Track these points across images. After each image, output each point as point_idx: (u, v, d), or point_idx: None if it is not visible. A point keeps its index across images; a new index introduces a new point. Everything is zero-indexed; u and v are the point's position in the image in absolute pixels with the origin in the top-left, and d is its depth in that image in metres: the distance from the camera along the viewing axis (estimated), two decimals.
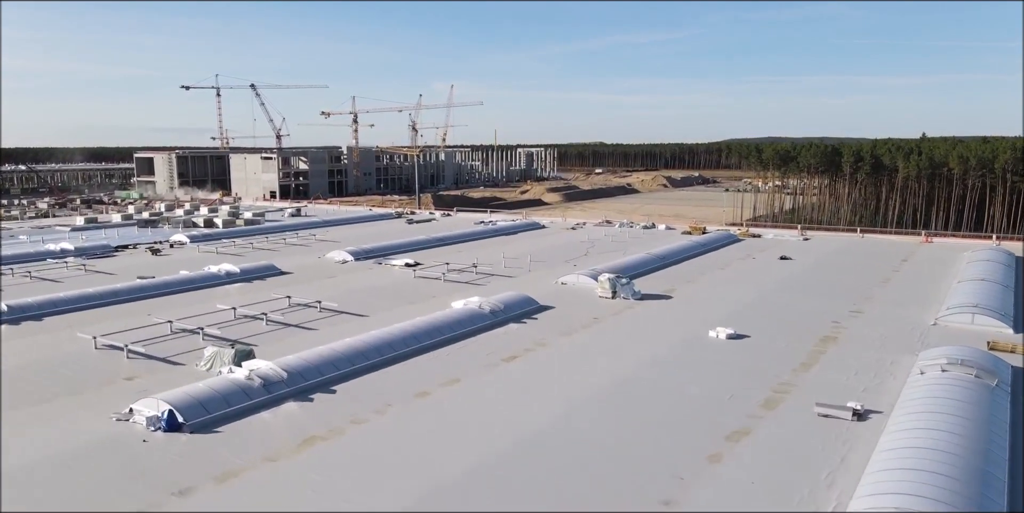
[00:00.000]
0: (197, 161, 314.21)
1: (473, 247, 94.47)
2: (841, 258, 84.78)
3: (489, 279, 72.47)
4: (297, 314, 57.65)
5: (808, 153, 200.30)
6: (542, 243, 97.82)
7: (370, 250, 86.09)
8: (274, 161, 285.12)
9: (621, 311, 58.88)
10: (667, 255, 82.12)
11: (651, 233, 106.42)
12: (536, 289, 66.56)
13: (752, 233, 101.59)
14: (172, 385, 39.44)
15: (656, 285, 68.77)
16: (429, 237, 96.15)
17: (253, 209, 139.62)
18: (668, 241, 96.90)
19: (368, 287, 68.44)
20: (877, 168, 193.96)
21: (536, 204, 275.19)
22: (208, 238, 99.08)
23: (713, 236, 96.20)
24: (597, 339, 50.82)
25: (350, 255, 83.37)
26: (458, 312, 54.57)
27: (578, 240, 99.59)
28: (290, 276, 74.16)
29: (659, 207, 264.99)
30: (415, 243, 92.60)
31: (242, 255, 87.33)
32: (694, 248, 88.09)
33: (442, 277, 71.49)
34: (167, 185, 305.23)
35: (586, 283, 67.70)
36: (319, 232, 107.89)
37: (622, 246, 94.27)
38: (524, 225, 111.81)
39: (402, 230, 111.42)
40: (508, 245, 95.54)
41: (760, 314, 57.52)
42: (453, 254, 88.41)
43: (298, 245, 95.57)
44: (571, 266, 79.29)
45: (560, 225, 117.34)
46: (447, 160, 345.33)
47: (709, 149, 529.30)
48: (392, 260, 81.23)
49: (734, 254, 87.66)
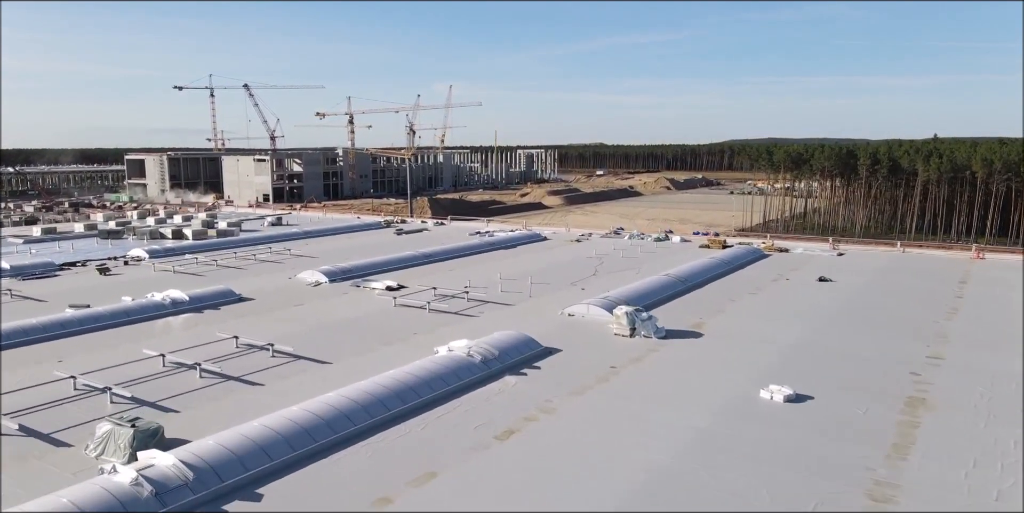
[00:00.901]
0: (189, 163, 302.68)
1: (466, 264, 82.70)
2: (888, 279, 72.90)
3: (482, 308, 60.69)
4: (242, 361, 45.87)
5: (822, 155, 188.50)
6: (544, 259, 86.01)
7: (348, 270, 74.27)
8: (267, 163, 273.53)
9: (643, 356, 47.08)
10: (688, 276, 70.31)
11: (665, 247, 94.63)
12: (538, 323, 54.86)
13: (779, 247, 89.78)
14: (38, 483, 28.01)
15: (681, 317, 56.98)
16: (417, 252, 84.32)
17: (234, 217, 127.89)
18: (686, 257, 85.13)
19: (338, 320, 56.60)
20: (894, 171, 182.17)
21: (536, 207, 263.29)
22: (170, 253, 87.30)
23: (736, 252, 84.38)
24: (617, 401, 39.02)
25: (324, 276, 71.59)
26: (441, 362, 42.79)
27: (584, 255, 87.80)
28: (249, 304, 62.37)
29: (663, 211, 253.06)
30: (400, 260, 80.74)
31: (202, 275, 75.52)
32: (717, 267, 76.25)
33: (427, 306, 59.68)
34: (158, 188, 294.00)
35: (598, 315, 55.95)
36: (297, 245, 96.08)
37: (634, 263, 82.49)
38: (524, 237, 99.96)
39: (389, 242, 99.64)
40: (506, 262, 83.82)
41: (816, 361, 45.71)
42: (443, 273, 76.69)
43: (270, 262, 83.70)
44: (578, 290, 67.59)
45: (563, 237, 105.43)
46: (445, 162, 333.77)
47: (711, 150, 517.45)
48: (372, 282, 69.47)
49: (763, 274, 75.83)
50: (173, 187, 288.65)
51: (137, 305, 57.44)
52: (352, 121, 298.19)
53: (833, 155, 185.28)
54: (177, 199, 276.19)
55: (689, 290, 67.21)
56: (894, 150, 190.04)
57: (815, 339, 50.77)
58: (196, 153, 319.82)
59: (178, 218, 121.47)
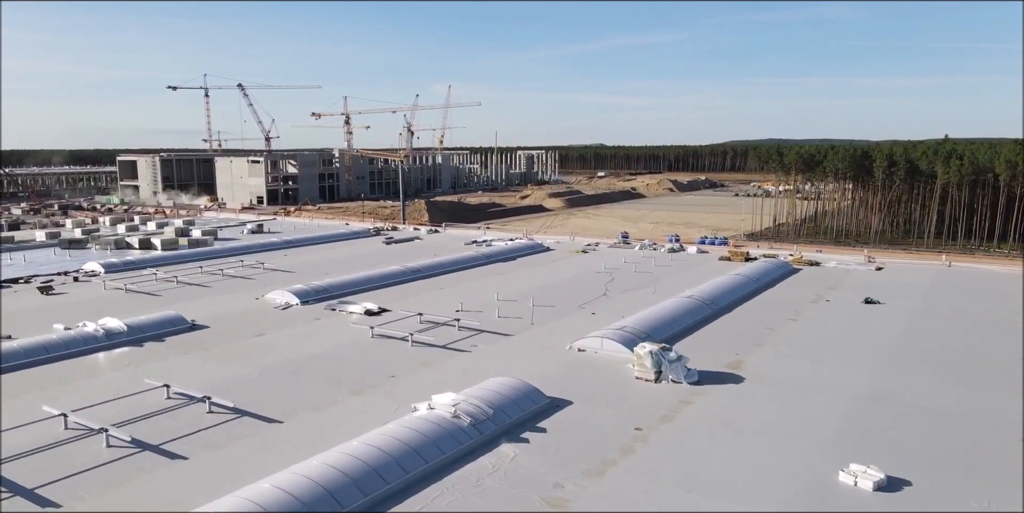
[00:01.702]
0: (183, 164, 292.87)
1: (460, 280, 72.60)
2: (946, 303, 62.63)
3: (476, 340, 50.60)
4: (169, 420, 35.81)
5: (835, 157, 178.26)
6: (547, 274, 75.92)
7: (323, 289, 64.17)
8: (261, 165, 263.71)
9: (674, 413, 36.99)
10: (714, 298, 60.19)
11: (681, 259, 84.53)
12: (542, 361, 44.89)
13: (808, 260, 79.60)
14: None
15: (713, 352, 46.94)
16: (405, 267, 74.12)
17: (214, 223, 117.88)
18: (706, 272, 75.11)
19: (302, 358, 46.50)
20: (911, 173, 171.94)
21: (537, 210, 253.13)
22: (130, 267, 77.24)
23: (763, 266, 74.17)
24: (647, 485, 28.99)
25: (295, 296, 61.50)
26: (419, 427, 32.74)
27: (592, 270, 77.70)
28: (201, 334, 52.32)
29: (668, 214, 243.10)
30: (385, 277, 70.60)
31: (158, 295, 65.44)
32: (745, 285, 66.13)
33: (409, 338, 49.59)
34: (151, 189, 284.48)
35: (614, 352, 45.95)
36: (275, 257, 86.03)
37: (649, 279, 72.43)
38: (524, 248, 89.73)
39: (376, 254, 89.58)
40: (504, 277, 73.78)
41: (899, 423, 35.50)
42: (433, 292, 66.63)
43: (239, 278, 73.56)
44: (588, 314, 57.56)
45: (568, 247, 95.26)
46: (444, 163, 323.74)
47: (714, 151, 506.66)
48: (349, 305, 59.38)
49: (798, 293, 65.70)
50: (166, 189, 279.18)
51: (62, 339, 47.28)
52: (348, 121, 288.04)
53: (847, 156, 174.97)
54: (169, 201, 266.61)
55: (717, 315, 57.11)
56: (910, 151, 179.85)
57: (886, 388, 40.61)
58: (189, 154, 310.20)
59: (151, 225, 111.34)
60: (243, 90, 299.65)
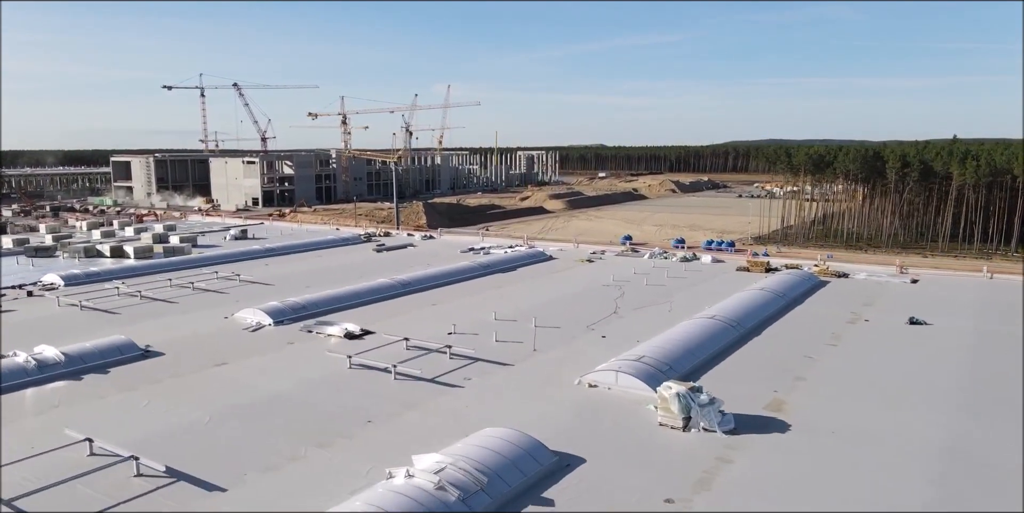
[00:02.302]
0: (177, 165, 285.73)
1: (455, 294, 65.27)
2: (998, 322, 55.17)
3: (470, 371, 43.31)
4: (82, 490, 28.51)
5: (846, 158, 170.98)
6: (550, 288, 68.59)
7: (301, 307, 56.81)
8: (257, 165, 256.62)
9: (711, 476, 29.66)
10: (739, 317, 52.84)
11: (695, 269, 77.17)
12: (546, 401, 37.65)
13: (835, 271, 72.22)
14: None
15: (746, 387, 39.64)
16: (394, 280, 66.72)
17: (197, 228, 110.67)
18: (724, 284, 67.88)
19: (264, 396, 39.15)
20: (925, 174, 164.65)
21: (537, 212, 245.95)
22: (93, 279, 69.92)
23: (787, 279, 66.76)
24: None
25: (268, 316, 54.15)
26: (393, 505, 25.46)
27: (599, 282, 70.36)
28: (154, 363, 45.00)
29: (671, 216, 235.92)
30: (372, 291, 63.18)
31: (116, 312, 58.05)
32: (771, 301, 58.75)
33: (392, 370, 42.30)
34: (145, 191, 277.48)
35: (631, 388, 38.67)
36: (255, 267, 78.74)
37: (663, 293, 65.10)
38: (525, 257, 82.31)
39: (366, 263, 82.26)
40: (503, 291, 66.48)
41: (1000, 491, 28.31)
42: (424, 310, 59.32)
43: (210, 292, 66.22)
44: (597, 337, 50.30)
45: (571, 254, 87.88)
46: (443, 164, 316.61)
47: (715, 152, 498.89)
48: (328, 326, 52.04)
49: (832, 311, 58.27)
50: (160, 190, 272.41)
51: None
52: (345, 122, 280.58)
53: (859, 157, 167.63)
54: (163, 203, 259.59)
55: (744, 339, 49.80)
56: (923, 152, 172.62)
57: (968, 440, 33.15)
58: (184, 155, 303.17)
59: (129, 230, 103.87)
60: (239, 90, 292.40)
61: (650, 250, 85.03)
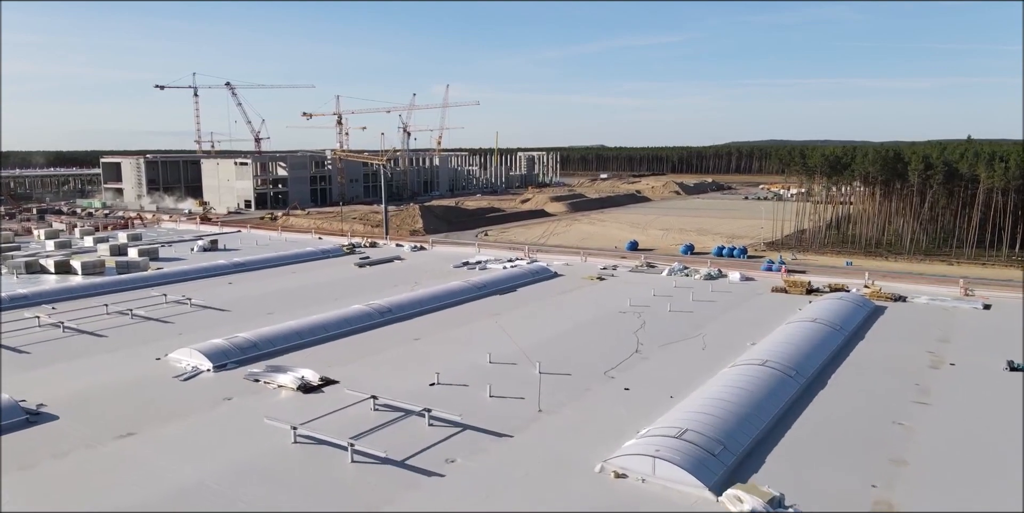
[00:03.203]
0: (169, 166, 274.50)
1: (442, 325, 53.85)
2: None
3: (453, 447, 31.98)
4: None
5: (865, 159, 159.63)
6: (557, 315, 57.15)
7: (252, 344, 45.41)
8: (249, 167, 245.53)
9: None
10: (796, 361, 41.38)
11: (722, 289, 65.77)
12: (558, 496, 26.32)
13: (889, 294, 60.71)
14: None
15: (830, 474, 28.30)
16: (370, 306, 55.17)
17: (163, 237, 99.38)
18: (762, 310, 56.54)
19: (162, 495, 27.86)
20: (950, 177, 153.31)
21: (539, 215, 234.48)
22: (17, 302, 58.40)
23: (837, 305, 55.17)
24: None
25: (208, 358, 42.85)
26: None
27: (614, 307, 58.90)
28: (37, 433, 33.64)
29: (678, 219, 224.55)
30: (341, 322, 51.63)
31: (23, 352, 46.61)
32: (829, 338, 47.23)
33: (350, 449, 31.00)
34: (135, 192, 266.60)
35: (675, 483, 27.34)
36: (215, 286, 67.43)
37: (690, 322, 53.70)
38: (527, 274, 70.73)
39: (344, 281, 70.91)
40: (501, 319, 55.07)
41: None
42: (404, 346, 47.98)
43: (152, 321, 54.84)
44: (619, 389, 39.00)
45: (579, 270, 76.35)
46: (442, 165, 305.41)
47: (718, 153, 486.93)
48: (279, 374, 40.75)
49: (904, 351, 46.75)
50: (151, 192, 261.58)
51: None
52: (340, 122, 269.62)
53: (879, 159, 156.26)
54: (152, 205, 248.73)
55: (809, 392, 38.42)
56: (947, 153, 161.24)
57: None
58: (176, 156, 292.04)
59: (88, 240, 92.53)
60: (232, 89, 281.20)
61: (668, 266, 73.50)
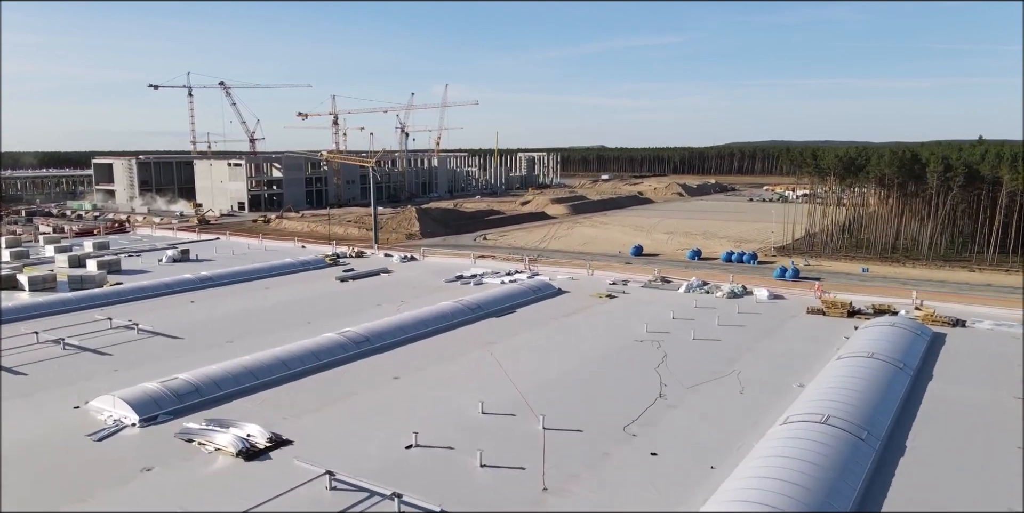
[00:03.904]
0: (162, 167, 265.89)
1: (427, 358, 45.12)
2: None
3: None
4: None
5: (881, 161, 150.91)
6: (562, 345, 48.41)
7: (193, 389, 36.72)
8: (243, 168, 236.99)
9: None
10: (862, 414, 32.67)
11: (750, 309, 56.99)
12: None
13: (944, 317, 51.98)
14: None
15: None
16: (343, 336, 46.31)
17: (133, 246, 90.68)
18: (800, 337, 47.90)
19: None
20: (971, 179, 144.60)
21: (539, 218, 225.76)
22: None
23: (890, 333, 46.44)
24: None
25: (134, 409, 34.24)
26: None
27: (629, 334, 50.16)
28: None
29: (682, 222, 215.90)
30: (306, 356, 42.80)
31: None
32: (893, 380, 38.48)
33: None
34: (127, 194, 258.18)
35: None
36: (176, 305, 58.78)
37: (720, 354, 45.02)
38: (528, 291, 61.78)
39: (321, 299, 62.19)
40: (497, 351, 46.38)
41: None
42: (379, 389, 39.26)
43: (87, 352, 46.14)
44: (645, 454, 30.39)
45: (586, 286, 67.50)
46: (440, 166, 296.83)
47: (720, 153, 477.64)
48: (219, 432, 32.13)
49: (984, 396, 37.97)
50: (144, 193, 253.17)
51: None
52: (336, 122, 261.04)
53: (895, 160, 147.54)
54: (144, 207, 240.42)
55: (887, 463, 29.75)
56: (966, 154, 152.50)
57: None
58: (170, 157, 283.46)
59: (49, 249, 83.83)
60: (226, 89, 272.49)
61: (685, 281, 64.77)
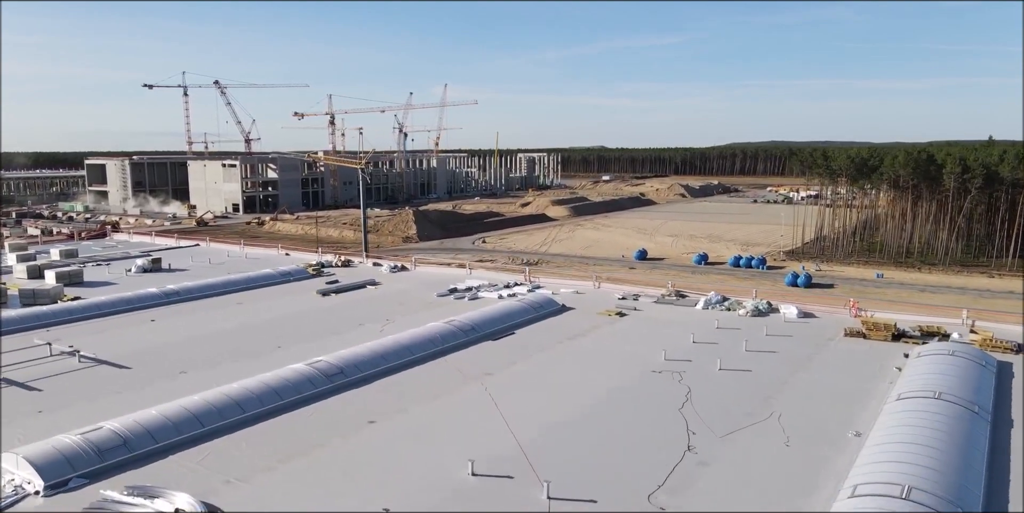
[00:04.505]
0: (156, 168, 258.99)
1: (410, 396, 38.06)
2: None
3: None
4: None
5: (895, 162, 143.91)
6: (567, 375, 41.37)
7: (118, 444, 29.75)
8: (237, 169, 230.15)
9: None
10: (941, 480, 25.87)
11: (779, 330, 49.89)
12: None
13: (1006, 342, 45.00)
14: None
15: None
16: (314, 367, 39.21)
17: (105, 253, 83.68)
18: (840, 365, 40.91)
19: None
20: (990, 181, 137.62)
21: (540, 220, 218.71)
22: None
23: (950, 364, 39.46)
24: None
25: (39, 473, 27.32)
26: None
27: (645, 362, 43.12)
28: None
29: (686, 224, 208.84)
30: (267, 396, 35.74)
31: None
32: (972, 430, 31.55)
33: None
34: (120, 195, 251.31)
35: None
36: (128, 325, 51.77)
37: (753, 389, 38.00)
38: (528, 309, 54.52)
39: (297, 317, 55.11)
40: (491, 385, 39.33)
41: None
42: (347, 441, 32.20)
43: (15, 387, 39.10)
44: None
45: (593, 302, 60.16)
46: (439, 167, 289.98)
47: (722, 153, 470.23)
48: (138, 502, 25.24)
49: None
50: (137, 194, 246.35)
51: None
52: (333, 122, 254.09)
53: (910, 161, 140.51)
54: (136, 209, 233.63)
55: None
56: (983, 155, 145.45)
57: None
58: (165, 157, 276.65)
59: (10, 258, 76.82)
60: (220, 88, 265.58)
61: (703, 296, 57.71)
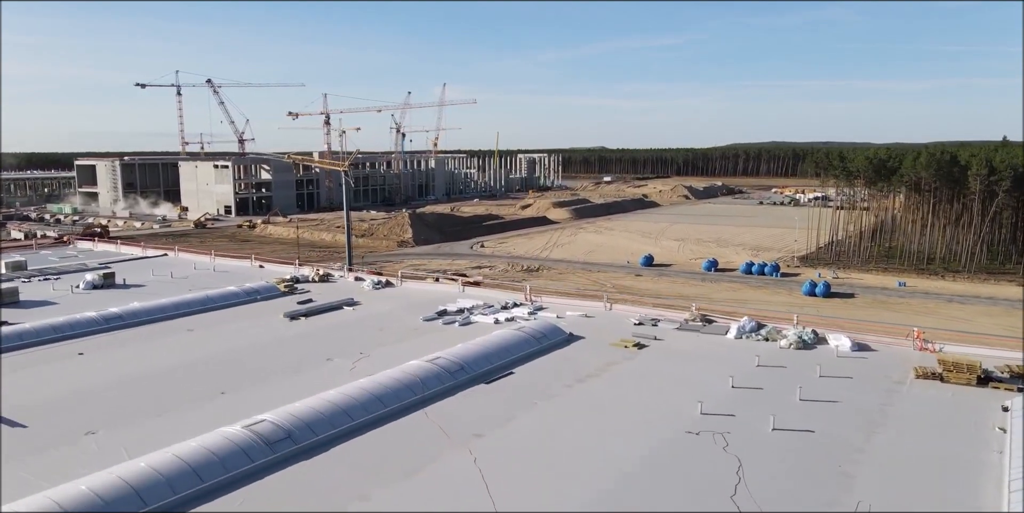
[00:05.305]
0: (147, 169, 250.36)
1: (380, 473, 28.96)
2: None
3: None
4: None
5: (916, 163, 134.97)
6: (575, 432, 32.24)
7: None
8: (229, 170, 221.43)
9: None
10: None
11: (833, 369, 40.87)
12: None
13: None
14: None
15: None
16: (249, 431, 30.16)
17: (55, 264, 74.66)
18: (921, 423, 31.92)
19: None
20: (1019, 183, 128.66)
21: (540, 223, 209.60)
22: None
23: None
24: None
25: None
26: None
27: (678, 418, 34.14)
28: None
29: (691, 227, 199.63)
30: (183, 478, 26.72)
31: None
32: None
33: None
34: (111, 197, 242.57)
35: None
36: (49, 360, 42.82)
37: (823, 465, 29.13)
38: (529, 340, 45.29)
39: (254, 350, 46.03)
40: (482, 450, 30.26)
41: None
42: None
43: None
44: None
45: (605, 329, 50.82)
46: (438, 168, 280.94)
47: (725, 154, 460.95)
48: None
49: None
50: (128, 195, 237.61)
51: None
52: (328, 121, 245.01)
53: (933, 163, 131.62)
54: (125, 211, 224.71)
55: None
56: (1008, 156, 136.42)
57: None
58: (157, 158, 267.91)
59: None
60: (213, 87, 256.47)
61: (735, 322, 48.68)
